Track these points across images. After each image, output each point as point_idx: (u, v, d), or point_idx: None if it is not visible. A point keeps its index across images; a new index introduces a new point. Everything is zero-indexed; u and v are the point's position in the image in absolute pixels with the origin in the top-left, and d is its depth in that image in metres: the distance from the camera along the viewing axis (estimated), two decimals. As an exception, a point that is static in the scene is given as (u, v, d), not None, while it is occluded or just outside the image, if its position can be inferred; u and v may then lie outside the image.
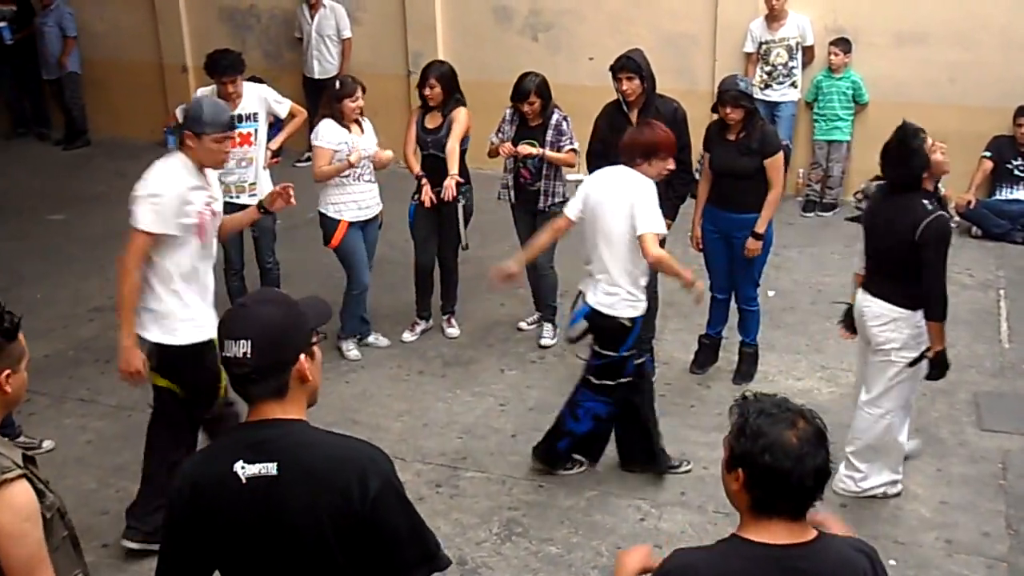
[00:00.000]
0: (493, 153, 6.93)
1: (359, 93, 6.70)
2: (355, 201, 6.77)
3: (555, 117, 6.77)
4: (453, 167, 6.97)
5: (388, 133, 7.72)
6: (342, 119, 6.65)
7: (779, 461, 2.36)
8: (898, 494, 5.42)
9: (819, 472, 2.39)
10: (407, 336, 7.38)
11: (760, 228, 6.26)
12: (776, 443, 2.37)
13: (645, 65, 6.29)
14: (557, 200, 6.85)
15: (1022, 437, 5.96)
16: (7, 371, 2.78)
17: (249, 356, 2.51)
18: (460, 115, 6.99)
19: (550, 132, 6.75)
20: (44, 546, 2.73)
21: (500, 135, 6.88)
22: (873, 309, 5.18)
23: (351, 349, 7.06)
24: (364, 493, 2.50)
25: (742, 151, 6.18)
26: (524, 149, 6.71)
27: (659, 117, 6.32)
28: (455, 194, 6.82)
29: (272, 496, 2.50)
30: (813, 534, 2.44)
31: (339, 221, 6.77)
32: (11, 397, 2.83)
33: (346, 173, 6.68)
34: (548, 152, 6.72)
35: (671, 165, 5.40)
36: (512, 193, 7.00)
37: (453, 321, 7.45)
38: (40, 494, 2.76)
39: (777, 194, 6.23)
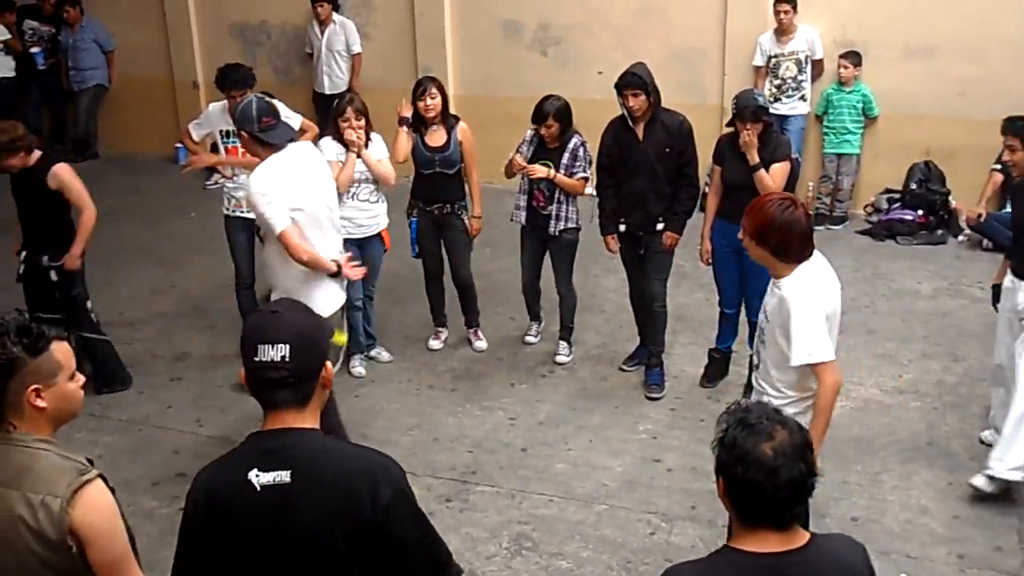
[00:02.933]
0: (509, 172, 6.90)
1: (348, 112, 6.59)
2: (348, 219, 6.73)
3: (573, 141, 6.70)
4: (478, 206, 7.11)
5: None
6: (341, 138, 6.67)
7: (751, 473, 2.38)
8: None
9: (794, 484, 2.39)
10: (433, 344, 7.42)
11: None
12: (750, 455, 2.39)
13: (650, 80, 6.27)
14: (570, 225, 6.82)
15: (1035, 451, 5.94)
16: (35, 386, 2.78)
17: (288, 360, 2.55)
18: (468, 135, 7.01)
19: (566, 155, 6.67)
20: (128, 543, 2.80)
21: (519, 155, 6.81)
22: None
23: (356, 366, 7.06)
24: (376, 501, 2.52)
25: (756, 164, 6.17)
26: (534, 168, 6.66)
27: (665, 131, 6.35)
28: (476, 232, 7.13)
29: (286, 504, 2.53)
30: (805, 539, 2.45)
31: None
32: (51, 412, 2.82)
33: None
34: (559, 175, 6.66)
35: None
36: (524, 215, 6.92)
37: (480, 334, 7.46)
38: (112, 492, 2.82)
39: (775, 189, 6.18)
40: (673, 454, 6.04)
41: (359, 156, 6.63)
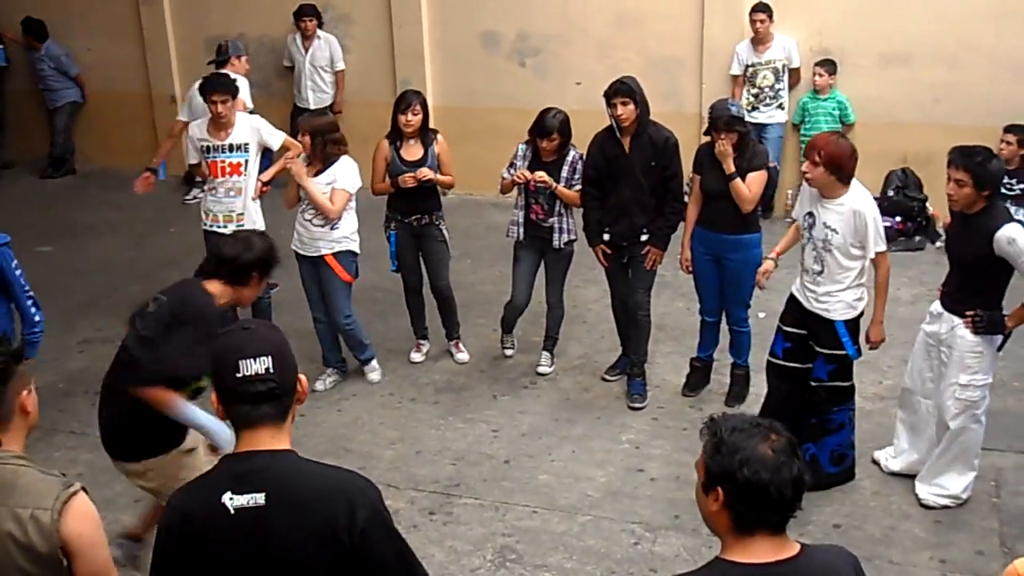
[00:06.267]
0: (507, 189, 6.89)
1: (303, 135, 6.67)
2: (298, 235, 6.79)
3: (572, 154, 6.68)
4: (441, 177, 6.96)
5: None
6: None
7: (758, 474, 2.38)
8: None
9: (796, 482, 2.41)
10: (415, 357, 7.41)
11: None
12: (753, 456, 2.39)
13: (639, 90, 6.30)
14: (571, 237, 6.83)
15: (1015, 455, 5.98)
16: (25, 391, 2.86)
17: (273, 371, 2.55)
18: (445, 148, 7.00)
19: (566, 168, 6.65)
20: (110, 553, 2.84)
21: (512, 171, 6.78)
22: None
23: (318, 379, 7.01)
24: (352, 524, 2.51)
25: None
26: (540, 175, 6.60)
27: (651, 144, 6.37)
28: (424, 177, 6.79)
29: (260, 527, 2.51)
30: (796, 549, 2.44)
31: None
32: (31, 419, 2.91)
33: (297, 206, 6.74)
34: (560, 187, 6.63)
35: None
36: (521, 230, 6.88)
37: (461, 346, 7.46)
38: None
39: (746, 207, 6.22)
40: (656, 463, 6.04)
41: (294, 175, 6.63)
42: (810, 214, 5.50)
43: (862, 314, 5.54)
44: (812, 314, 5.54)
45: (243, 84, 8.52)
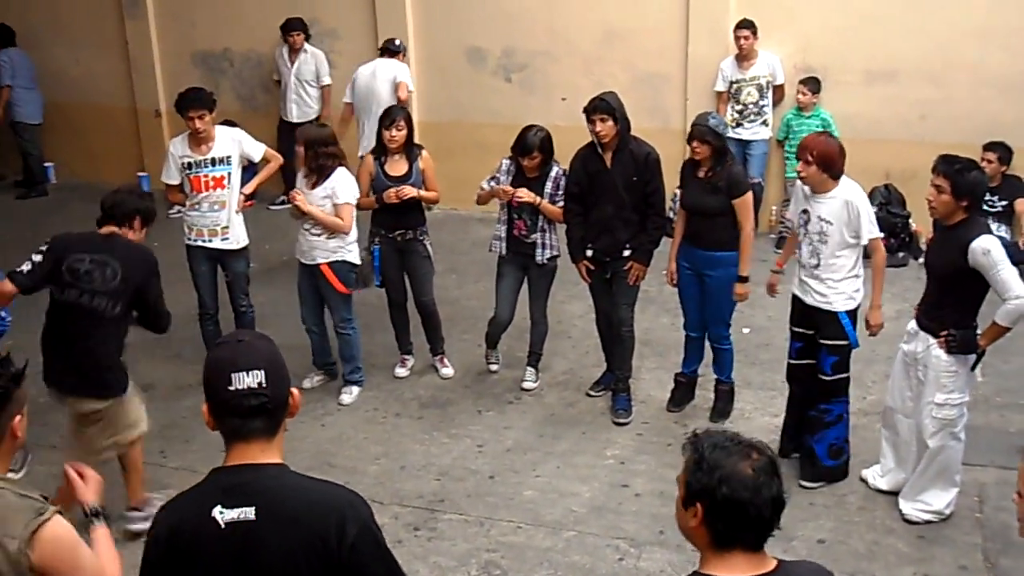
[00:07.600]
0: (484, 200, 6.90)
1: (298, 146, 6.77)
2: (299, 244, 6.88)
3: (555, 170, 6.69)
4: (425, 194, 6.98)
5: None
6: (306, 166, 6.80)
7: (737, 492, 2.38)
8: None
9: (775, 502, 2.41)
10: (399, 371, 7.40)
11: (743, 271, 6.29)
12: (733, 474, 2.39)
13: (619, 107, 6.31)
14: (554, 253, 6.84)
15: (997, 470, 5.98)
16: (19, 415, 2.82)
17: (265, 385, 2.53)
18: (430, 163, 7.02)
19: (549, 184, 6.66)
20: (95, 561, 2.80)
21: (492, 183, 6.80)
22: None
23: (305, 379, 7.09)
24: (342, 539, 2.49)
25: (710, 189, 6.22)
26: (522, 192, 6.62)
27: (633, 160, 6.38)
28: (406, 195, 6.84)
29: (250, 541, 2.49)
30: (773, 564, 2.45)
31: None
32: (19, 442, 2.87)
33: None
34: (545, 202, 6.65)
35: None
36: (504, 245, 6.89)
37: (446, 361, 7.45)
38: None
39: (747, 233, 6.26)
40: (641, 479, 6.04)
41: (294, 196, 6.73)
42: (805, 211, 5.75)
43: (859, 305, 5.83)
44: (814, 308, 5.75)
45: (407, 69, 9.54)
